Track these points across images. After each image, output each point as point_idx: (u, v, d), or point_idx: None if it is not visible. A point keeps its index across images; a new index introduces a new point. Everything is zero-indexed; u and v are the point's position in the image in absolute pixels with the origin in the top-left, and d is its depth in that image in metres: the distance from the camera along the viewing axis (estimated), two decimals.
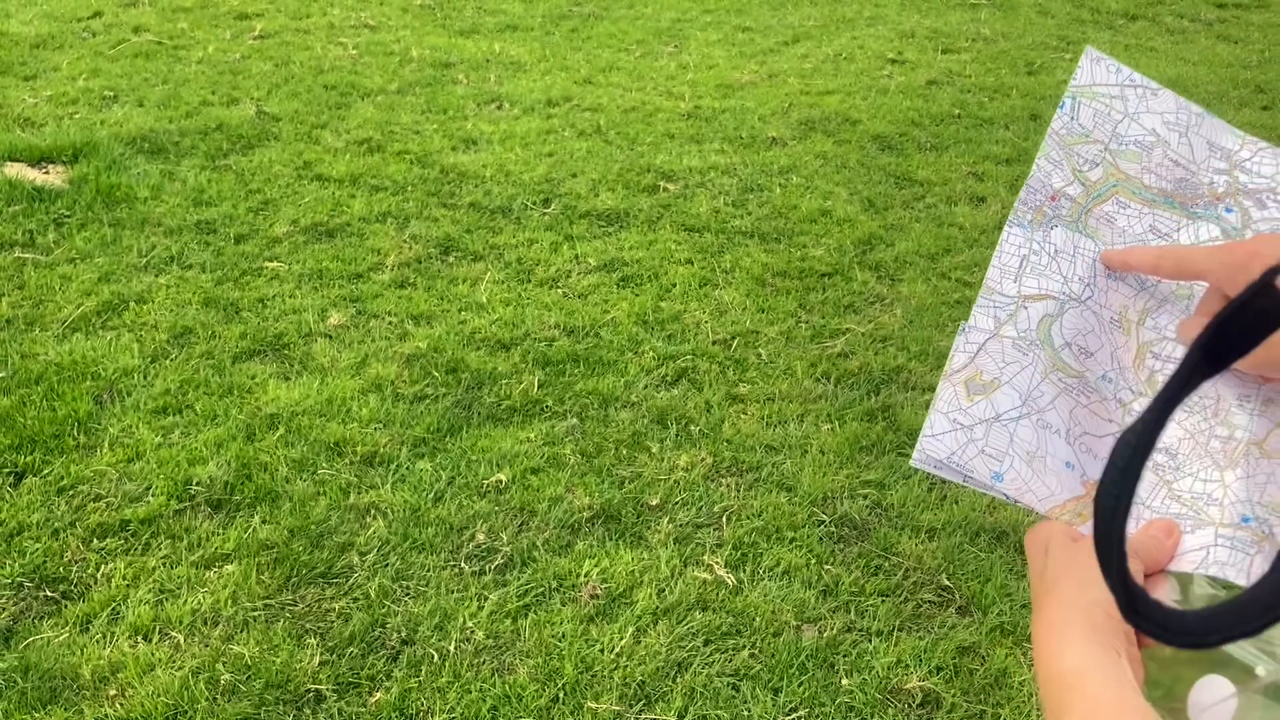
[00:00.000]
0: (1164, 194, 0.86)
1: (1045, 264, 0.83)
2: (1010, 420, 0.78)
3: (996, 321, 0.81)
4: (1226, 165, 0.87)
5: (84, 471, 2.67)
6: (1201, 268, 0.79)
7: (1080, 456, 0.78)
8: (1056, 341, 0.81)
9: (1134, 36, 6.40)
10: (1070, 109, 0.86)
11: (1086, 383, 0.80)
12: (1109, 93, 0.87)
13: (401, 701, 2.12)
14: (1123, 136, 0.86)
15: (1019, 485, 0.76)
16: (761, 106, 5.14)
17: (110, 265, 3.58)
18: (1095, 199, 0.85)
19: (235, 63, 5.43)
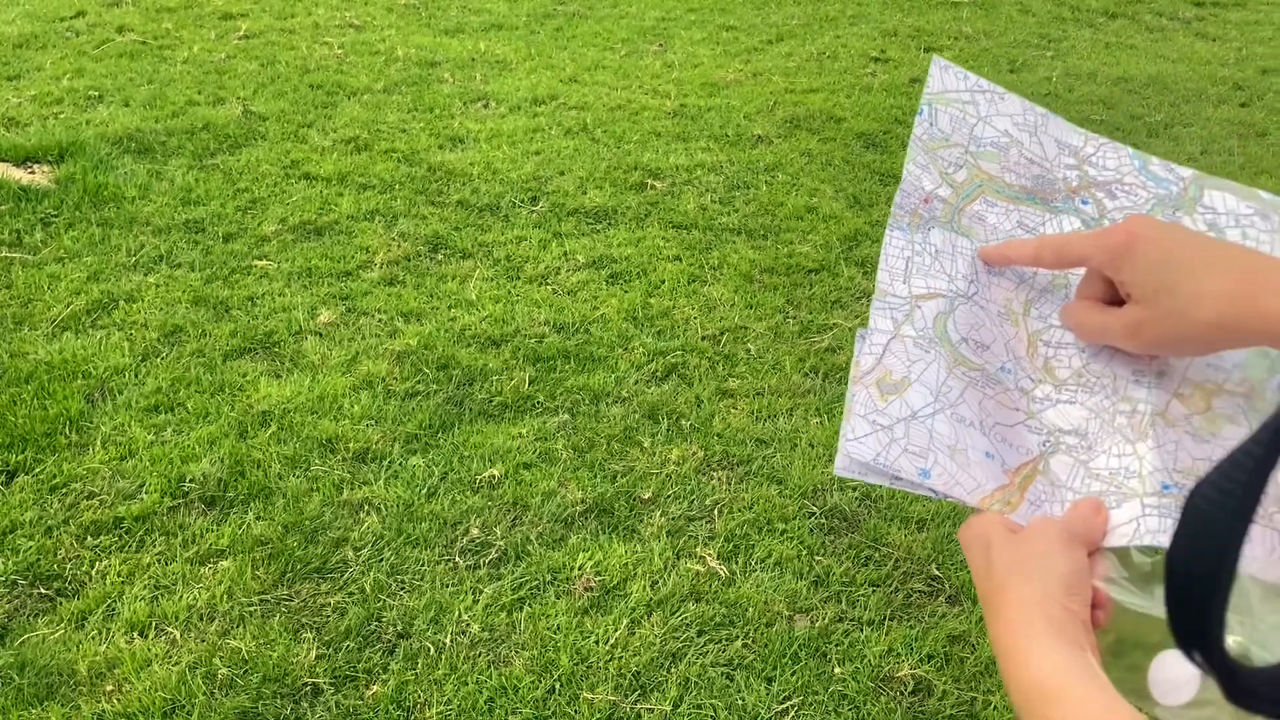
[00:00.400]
0: (1025, 191, 0.89)
1: (929, 264, 0.86)
2: (926, 416, 0.79)
3: (895, 322, 0.83)
4: (1075, 161, 0.91)
5: (76, 470, 2.67)
6: (1082, 253, 0.81)
7: (997, 446, 0.79)
8: (953, 337, 0.83)
9: (1114, 34, 6.46)
10: (928, 115, 0.90)
11: (988, 375, 0.82)
12: (961, 98, 0.91)
13: (399, 694, 2.13)
14: (980, 139, 0.90)
15: (947, 480, 0.76)
16: (746, 105, 5.17)
17: (99, 264, 3.58)
18: (964, 199, 0.88)
19: (221, 62, 5.43)
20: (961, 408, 0.80)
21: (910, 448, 0.77)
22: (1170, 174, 0.92)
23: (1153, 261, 0.74)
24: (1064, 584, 0.69)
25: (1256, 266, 0.72)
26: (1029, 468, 0.79)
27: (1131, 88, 5.58)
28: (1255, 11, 6.84)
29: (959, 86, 0.92)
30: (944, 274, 0.86)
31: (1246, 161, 4.71)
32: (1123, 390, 0.82)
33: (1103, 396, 0.82)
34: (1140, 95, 5.48)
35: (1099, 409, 0.81)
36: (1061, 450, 0.80)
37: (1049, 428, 0.81)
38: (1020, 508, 0.76)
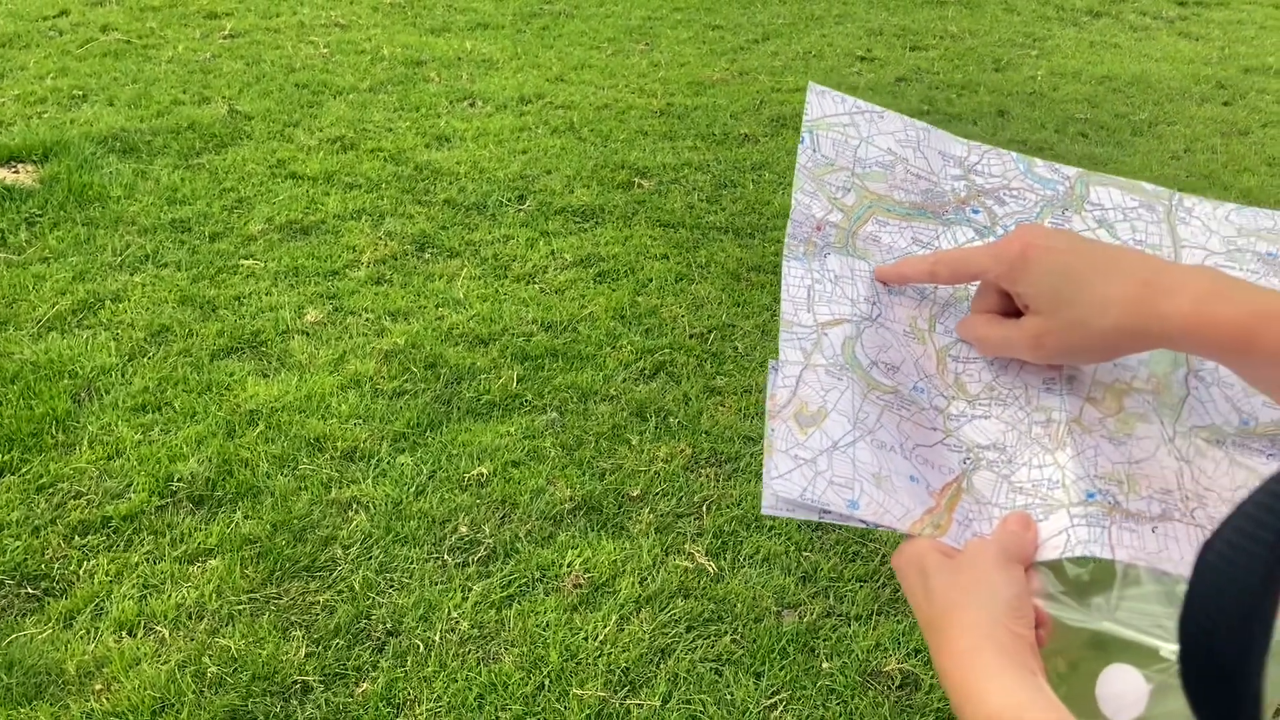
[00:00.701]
0: (915, 206, 0.89)
1: (830, 290, 0.85)
2: (847, 445, 0.77)
3: (804, 353, 0.82)
4: (961, 171, 0.92)
5: (63, 469, 2.66)
6: (977, 267, 0.80)
7: (920, 468, 0.78)
8: (863, 362, 0.82)
9: (1098, 33, 6.49)
10: (811, 142, 0.90)
11: (903, 396, 0.82)
12: (841, 121, 0.91)
13: (388, 691, 2.13)
14: (864, 160, 0.90)
15: (875, 508, 0.75)
16: (733, 104, 5.18)
17: (84, 264, 3.57)
18: (856, 221, 0.88)
19: (206, 62, 5.42)
20: (880, 433, 0.79)
21: (835, 479, 0.76)
22: (1056, 174, 0.93)
23: (1049, 272, 0.74)
24: (1008, 608, 0.68)
25: (1151, 271, 0.72)
26: (953, 487, 0.78)
27: (1115, 86, 5.61)
28: (1238, 11, 6.89)
29: (838, 110, 0.92)
30: (846, 299, 0.85)
31: (1229, 159, 4.74)
32: (1036, 400, 0.82)
33: (1016, 408, 0.82)
34: (1124, 94, 5.51)
35: (1014, 421, 0.81)
36: (983, 466, 0.79)
37: (967, 444, 0.81)
38: (950, 529, 0.76)
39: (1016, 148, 4.78)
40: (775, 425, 0.78)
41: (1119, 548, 0.73)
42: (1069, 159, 4.68)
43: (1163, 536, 0.75)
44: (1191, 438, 0.82)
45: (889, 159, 0.91)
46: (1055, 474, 0.78)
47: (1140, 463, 0.79)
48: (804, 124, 0.91)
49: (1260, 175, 4.56)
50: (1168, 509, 0.77)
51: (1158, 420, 0.82)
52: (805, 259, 0.86)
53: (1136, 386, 0.83)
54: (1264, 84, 5.65)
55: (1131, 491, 0.77)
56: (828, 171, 0.89)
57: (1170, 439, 0.81)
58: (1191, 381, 0.84)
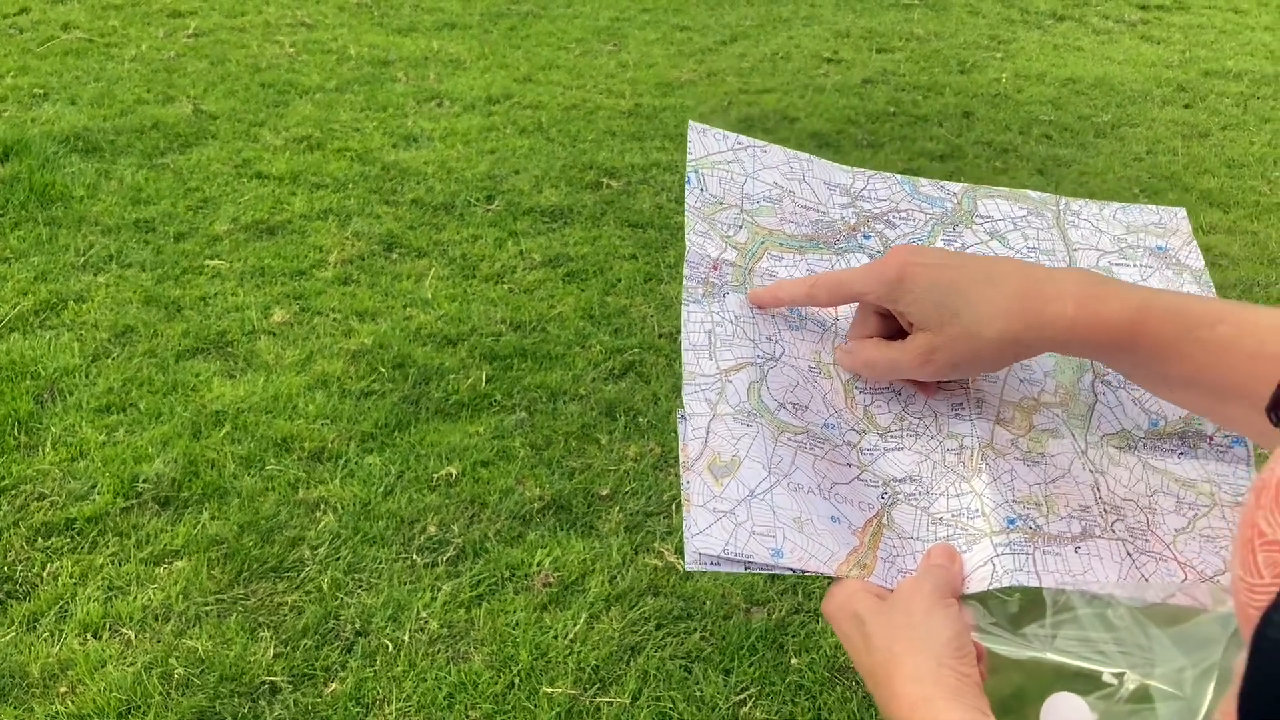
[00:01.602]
0: (807, 238, 0.89)
1: (731, 333, 0.83)
2: (764, 492, 0.76)
3: (709, 403, 0.80)
4: (848, 199, 0.92)
5: (26, 471, 2.64)
6: (857, 289, 0.79)
7: (839, 507, 0.77)
8: (771, 406, 0.81)
9: (1062, 36, 6.56)
10: (697, 182, 0.89)
11: (814, 435, 0.80)
12: (725, 159, 0.91)
13: (357, 691, 2.13)
14: (752, 196, 0.89)
15: (800, 555, 0.74)
16: (701, 104, 5.20)
17: (47, 264, 3.53)
18: (751, 258, 0.87)
19: (170, 61, 5.37)
20: (796, 475, 0.77)
21: (756, 528, 0.74)
22: (941, 192, 0.93)
23: (930, 288, 0.74)
24: (950, 648, 0.67)
25: (1032, 279, 0.72)
26: (874, 523, 0.77)
27: (1079, 89, 5.67)
28: (1198, 15, 6.98)
29: (721, 147, 0.91)
30: (748, 340, 0.83)
31: (1190, 161, 4.81)
32: (946, 428, 0.82)
33: (928, 438, 0.82)
34: (1088, 96, 5.57)
35: (927, 451, 0.81)
36: (901, 500, 0.79)
37: (883, 478, 0.80)
38: (876, 567, 0.75)
39: (982, 149, 4.83)
40: (690, 479, 0.76)
41: (1045, 574, 0.73)
42: (1033, 160, 4.73)
43: (1086, 556, 0.75)
44: (1103, 447, 0.82)
45: (776, 193, 0.90)
46: (974, 503, 0.78)
47: (1056, 481, 0.80)
48: (688, 163, 0.90)
49: (1220, 177, 4.63)
50: (1088, 526, 0.77)
51: (1068, 434, 0.82)
52: (704, 301, 0.84)
53: (1045, 401, 0.84)
54: (1223, 87, 5.74)
55: (1050, 513, 0.78)
56: (717, 210, 0.88)
57: (1082, 451, 0.82)
58: (1098, 387, 0.85)
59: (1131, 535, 0.77)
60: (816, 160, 0.92)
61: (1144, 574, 0.75)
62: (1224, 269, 3.85)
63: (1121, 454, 0.82)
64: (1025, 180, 4.50)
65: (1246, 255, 3.96)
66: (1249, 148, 4.97)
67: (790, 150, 0.92)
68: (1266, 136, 5.10)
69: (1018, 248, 0.91)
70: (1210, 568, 0.77)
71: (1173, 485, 0.81)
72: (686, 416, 0.79)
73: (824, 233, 0.90)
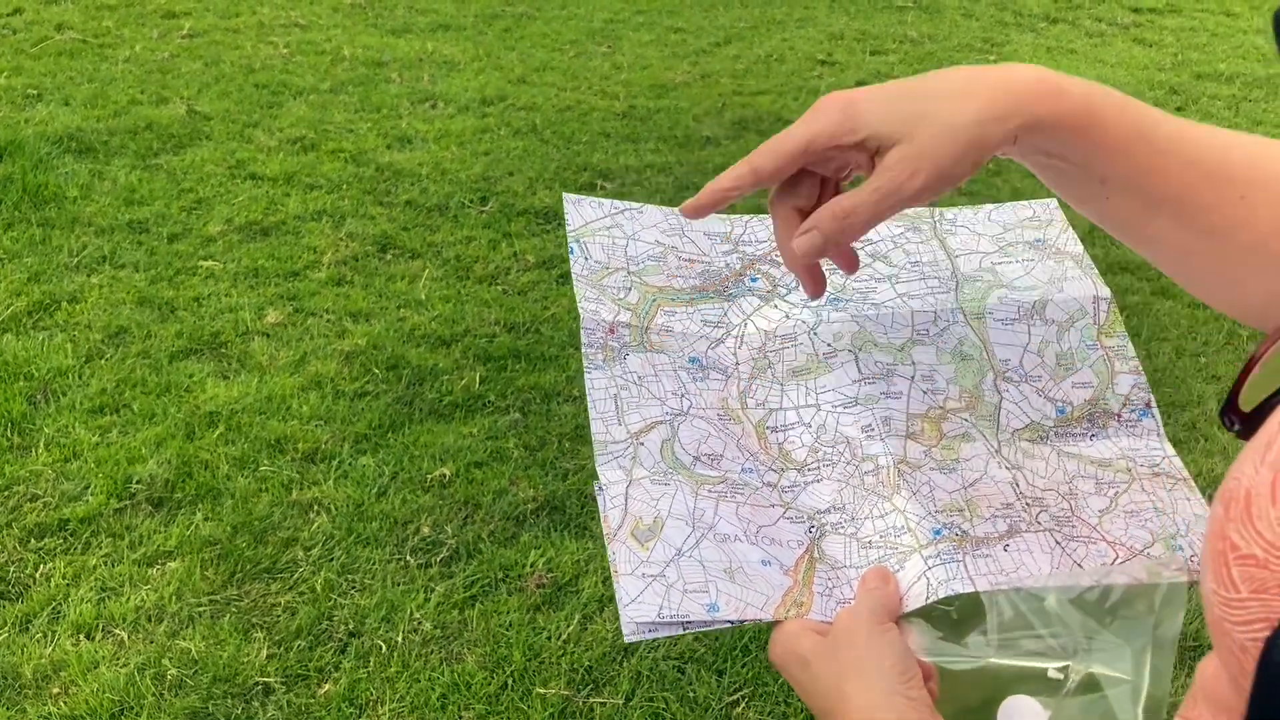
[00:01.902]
0: (697, 290, 0.91)
1: (637, 394, 0.84)
2: (691, 549, 0.76)
3: (624, 470, 0.80)
4: (730, 245, 0.94)
5: (19, 472, 2.63)
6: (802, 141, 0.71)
7: (768, 549, 0.77)
8: (685, 461, 0.81)
9: (1054, 39, 6.58)
10: (580, 251, 0.91)
11: (733, 483, 0.81)
12: (604, 225, 0.93)
13: (350, 692, 2.13)
14: (636, 257, 0.91)
15: (736, 605, 0.73)
16: (695, 106, 5.20)
17: (40, 265, 3.52)
18: (645, 317, 0.88)
19: (164, 61, 5.36)
20: (721, 525, 0.77)
21: (688, 586, 0.73)
22: None
23: (887, 100, 0.69)
24: (897, 674, 0.67)
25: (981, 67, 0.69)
26: (805, 560, 0.77)
27: None
28: (1190, 18, 7.00)
29: (597, 214, 0.93)
30: (654, 399, 0.84)
31: None
32: (860, 451, 0.83)
33: (844, 464, 0.83)
34: None
35: (846, 477, 0.82)
36: (828, 530, 0.79)
37: (808, 512, 0.80)
38: (813, 603, 0.75)
39: None
40: (615, 548, 0.75)
41: (978, 578, 0.74)
42: None
43: (1016, 552, 0.76)
44: (1015, 442, 0.84)
45: (659, 251, 0.92)
46: (898, 520, 0.78)
47: (975, 485, 0.81)
48: (569, 234, 0.91)
49: None
50: (1013, 523, 0.78)
51: (980, 435, 0.84)
52: (606, 365, 0.85)
53: (950, 408, 0.85)
54: (1215, 90, 5.76)
55: (975, 516, 0.78)
56: (605, 275, 0.90)
57: (996, 450, 0.83)
58: (1001, 385, 0.86)
59: (1057, 524, 0.79)
60: None
61: (1076, 560, 0.76)
62: None
63: (1035, 446, 0.84)
64: (1017, 183, 4.52)
65: None
66: None
67: (666, 208, 0.94)
68: None
69: (900, 264, 0.93)
70: (1139, 542, 0.78)
71: (1089, 468, 0.83)
72: (603, 487, 0.79)
73: (711, 282, 0.91)
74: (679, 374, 0.86)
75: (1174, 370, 3.28)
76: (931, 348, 0.88)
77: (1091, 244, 3.59)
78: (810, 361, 0.88)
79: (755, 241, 0.94)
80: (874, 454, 0.82)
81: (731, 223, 0.95)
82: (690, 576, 0.74)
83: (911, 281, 0.92)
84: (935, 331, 0.89)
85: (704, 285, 0.91)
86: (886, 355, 0.88)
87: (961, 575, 0.74)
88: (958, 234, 0.96)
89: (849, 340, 0.89)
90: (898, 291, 0.91)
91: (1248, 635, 0.46)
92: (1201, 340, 3.46)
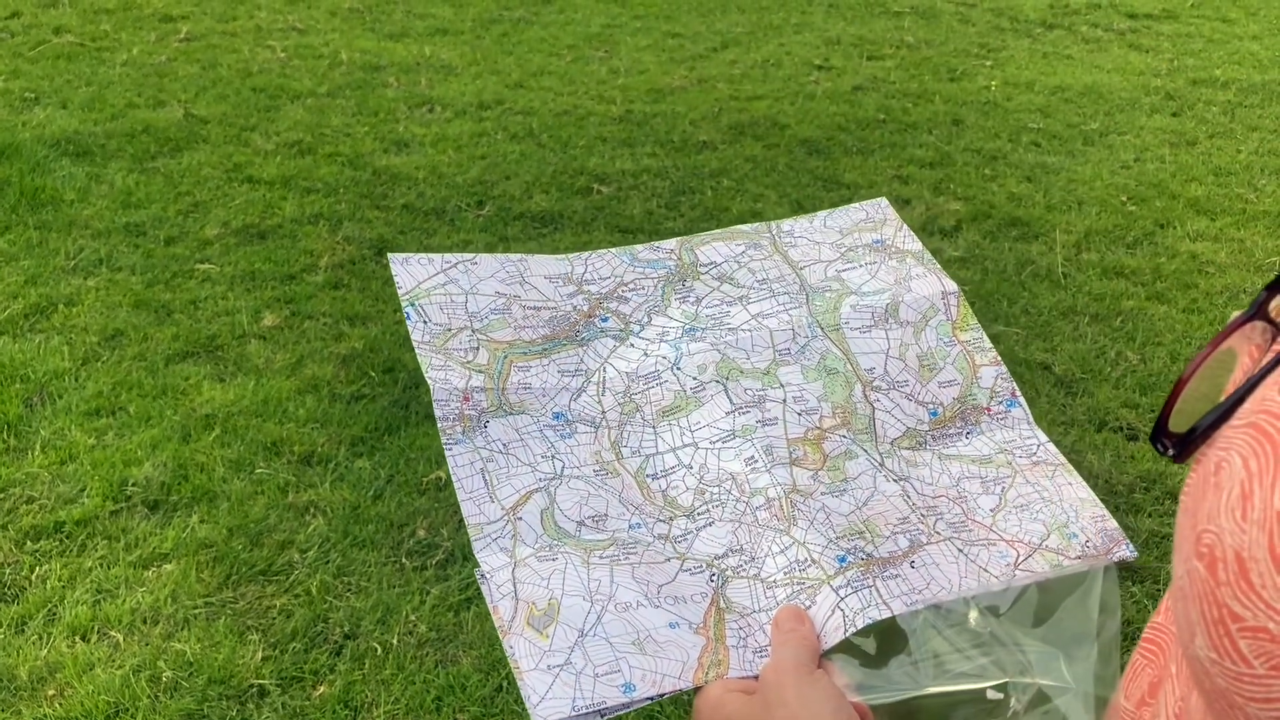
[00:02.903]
0: (547, 339, 0.86)
1: (504, 464, 0.79)
2: (594, 626, 0.70)
3: (506, 552, 0.75)
4: (574, 286, 0.89)
5: (15, 474, 2.63)
6: None
7: (673, 609, 0.73)
8: (569, 528, 0.76)
9: (1051, 44, 6.59)
10: (417, 315, 0.85)
11: (623, 543, 0.76)
12: (436, 281, 0.86)
13: (346, 694, 2.13)
14: (478, 313, 0.86)
15: (652, 679, 0.69)
16: (692, 111, 5.21)
17: (37, 268, 3.53)
18: (499, 377, 0.83)
19: (161, 65, 5.37)
20: (620, 593, 0.73)
21: (598, 670, 0.69)
22: (658, 253, 0.92)
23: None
24: None
25: None
26: (712, 612, 0.73)
27: (1068, 97, 5.70)
28: (1186, 24, 7.02)
29: (429, 273, 0.87)
30: (524, 465, 0.79)
31: (1177, 169, 4.83)
32: (747, 486, 0.79)
33: (734, 502, 0.79)
34: (1076, 104, 5.60)
35: (738, 516, 0.78)
36: (730, 576, 0.75)
37: (705, 560, 0.76)
38: (731, 658, 0.71)
39: (971, 156, 4.85)
40: (512, 642, 0.70)
41: (893, 600, 0.72)
42: (1022, 168, 4.76)
43: (923, 567, 0.74)
44: (896, 452, 0.82)
45: (501, 302, 0.87)
46: (800, 553, 0.75)
47: (868, 503, 0.79)
48: (402, 299, 0.85)
49: (1207, 185, 4.66)
50: (914, 537, 0.77)
51: (861, 451, 0.82)
52: (466, 438, 0.79)
53: (827, 426, 0.83)
54: (1211, 96, 5.77)
55: (875, 536, 0.76)
56: (448, 338, 0.84)
57: (880, 464, 0.81)
58: (870, 395, 0.85)
59: (954, 531, 0.77)
60: (530, 257, 0.90)
61: (981, 565, 0.75)
62: (1210, 276, 3.87)
63: (915, 454, 0.83)
64: (1013, 187, 4.53)
65: (1233, 262, 3.99)
66: (1236, 156, 5.00)
67: (501, 255, 0.89)
68: (1253, 145, 5.14)
69: (748, 284, 0.91)
70: (1035, 535, 0.77)
71: (972, 467, 0.82)
72: (486, 576, 0.73)
73: (561, 328, 0.87)
74: (545, 434, 0.81)
75: (1169, 375, 3.28)
76: (796, 366, 0.86)
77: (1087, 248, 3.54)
78: (679, 399, 0.84)
79: (599, 279, 0.90)
80: (762, 487, 0.79)
81: (571, 261, 0.90)
82: (598, 658, 0.69)
83: (763, 300, 0.90)
84: (796, 349, 0.87)
85: (554, 333, 0.86)
86: (754, 381, 0.85)
87: (876, 601, 0.71)
88: (798, 245, 0.94)
89: (714, 370, 0.85)
90: (751, 313, 0.89)
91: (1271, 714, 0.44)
92: (1196, 345, 3.47)
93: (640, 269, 0.91)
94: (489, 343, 0.84)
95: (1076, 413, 3.08)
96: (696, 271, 0.91)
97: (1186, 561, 0.47)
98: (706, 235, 0.94)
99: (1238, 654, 0.44)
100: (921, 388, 0.85)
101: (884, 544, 0.76)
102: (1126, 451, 2.94)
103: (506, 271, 0.88)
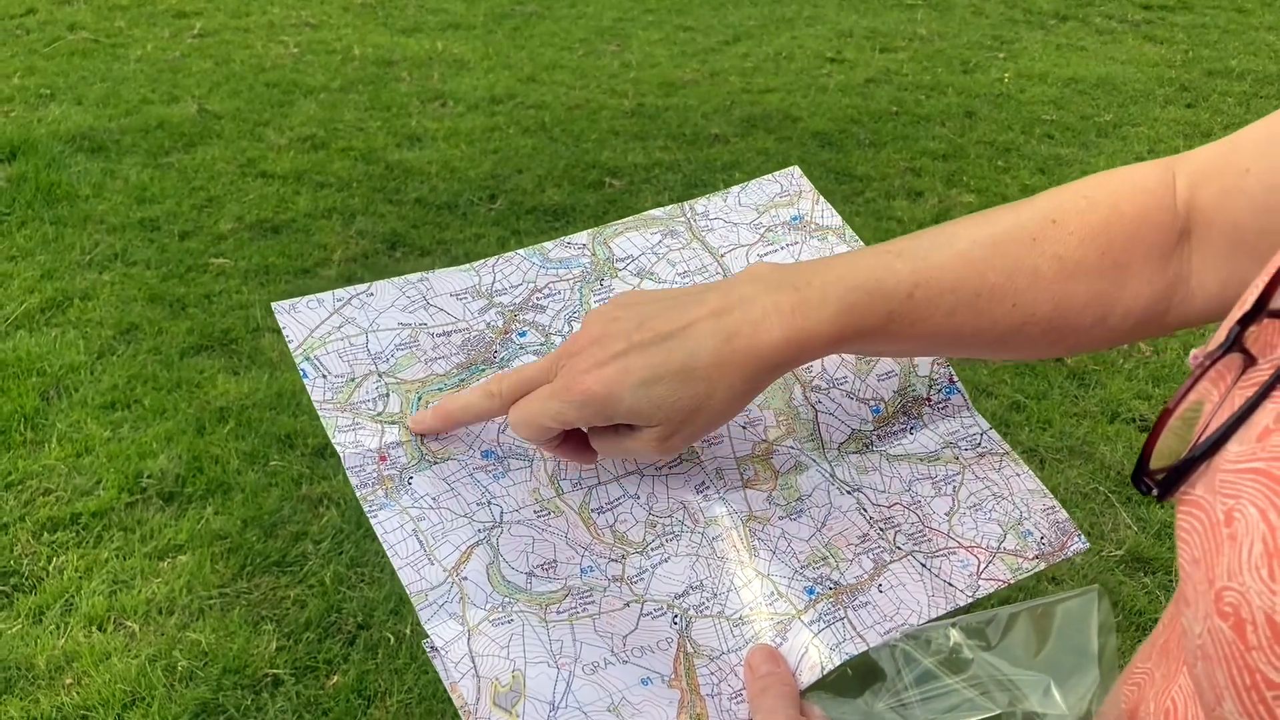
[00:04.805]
0: (462, 366, 0.78)
1: (438, 520, 0.71)
2: (563, 695, 0.65)
3: (456, 618, 0.67)
4: (484, 301, 0.82)
5: (32, 466, 2.66)
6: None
7: (641, 662, 0.68)
8: (519, 581, 0.70)
9: (1065, 36, 6.57)
10: (314, 372, 0.75)
11: (579, 592, 0.70)
12: (330, 325, 0.78)
13: (359, 683, 2.14)
14: (382, 353, 0.77)
15: None
16: (704, 104, 5.21)
17: (52, 263, 3.55)
18: None
19: (175, 61, 5.40)
20: (585, 652, 0.67)
21: None
22: (570, 250, 0.86)
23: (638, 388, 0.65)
24: None
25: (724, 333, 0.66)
26: (681, 659, 0.68)
27: (1082, 88, 5.68)
28: (1201, 15, 6.98)
29: (320, 317, 0.78)
30: (459, 516, 0.71)
31: None
32: (700, 515, 0.74)
33: (688, 534, 0.74)
34: (1090, 96, 5.58)
35: (694, 549, 0.73)
36: (693, 616, 0.70)
37: (665, 601, 0.71)
38: (709, 708, 0.66)
39: (984, 148, 4.84)
40: None
41: (867, 632, 0.69)
42: (1035, 159, 4.74)
43: (890, 590, 0.72)
44: (844, 459, 0.79)
45: (407, 334, 0.78)
46: (764, 586, 0.70)
47: (826, 524, 0.75)
48: (294, 353, 0.76)
49: None
50: (876, 556, 0.74)
51: (811, 462, 0.78)
52: (391, 501, 0.71)
53: (772, 436, 0.78)
54: (1226, 87, 5.74)
55: (839, 560, 0.73)
56: (352, 390, 0.75)
57: (830, 475, 0.78)
58: (810, 395, 0.81)
59: (914, 543, 0.74)
60: (431, 274, 0.82)
61: (945, 580, 0.72)
62: None
63: (863, 459, 0.79)
64: (1027, 179, 4.52)
65: None
66: None
67: (399, 278, 0.81)
68: None
69: (669, 277, 0.85)
70: (992, 538, 0.75)
71: (921, 467, 0.79)
72: (439, 650, 0.66)
73: (476, 352, 0.79)
74: (476, 477, 0.73)
75: (1182, 366, 3.27)
76: None
77: None
78: None
79: (509, 288, 0.82)
80: (716, 515, 0.74)
81: (477, 271, 0.83)
82: None
83: None
84: None
85: (469, 358, 0.78)
86: None
87: (850, 634, 0.68)
88: (715, 229, 0.88)
89: None
90: None
91: None
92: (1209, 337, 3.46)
93: (552, 270, 0.84)
94: (399, 385, 0.76)
95: (1089, 404, 3.08)
96: (613, 268, 0.85)
97: (1206, 619, 0.44)
98: (619, 224, 0.89)
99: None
100: (860, 382, 0.81)
101: (849, 568, 0.73)
102: (1139, 443, 2.93)
103: (407, 297, 0.80)
